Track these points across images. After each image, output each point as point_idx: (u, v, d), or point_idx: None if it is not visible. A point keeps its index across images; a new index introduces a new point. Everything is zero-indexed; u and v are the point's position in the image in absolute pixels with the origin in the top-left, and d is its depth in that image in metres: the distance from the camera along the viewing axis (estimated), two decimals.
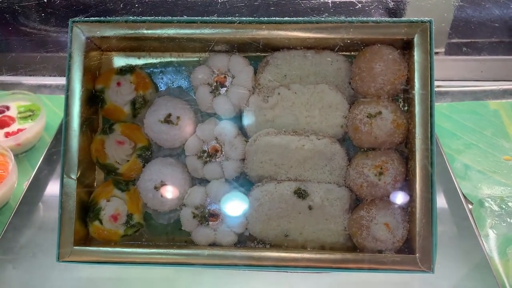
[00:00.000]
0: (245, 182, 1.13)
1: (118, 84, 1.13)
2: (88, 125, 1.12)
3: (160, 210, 1.12)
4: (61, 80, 1.68)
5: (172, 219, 1.13)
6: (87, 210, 1.10)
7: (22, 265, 1.20)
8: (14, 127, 1.44)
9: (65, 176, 1.06)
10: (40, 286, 1.16)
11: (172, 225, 1.13)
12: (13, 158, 1.31)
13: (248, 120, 1.11)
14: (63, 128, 1.07)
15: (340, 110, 1.09)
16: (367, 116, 1.04)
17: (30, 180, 1.35)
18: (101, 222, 1.09)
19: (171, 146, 1.13)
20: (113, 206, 1.09)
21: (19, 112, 1.49)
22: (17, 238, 1.24)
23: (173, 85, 1.18)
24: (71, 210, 1.05)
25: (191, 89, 1.16)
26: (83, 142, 1.08)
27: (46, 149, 1.43)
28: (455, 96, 1.57)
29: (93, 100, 1.13)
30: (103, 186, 1.13)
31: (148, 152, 1.13)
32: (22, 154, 1.44)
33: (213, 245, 1.09)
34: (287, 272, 1.09)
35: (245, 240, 1.11)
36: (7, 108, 1.50)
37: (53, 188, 1.36)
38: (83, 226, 1.09)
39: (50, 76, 1.70)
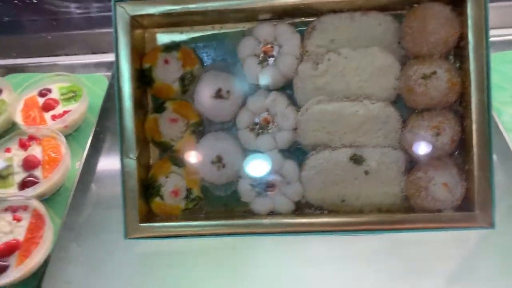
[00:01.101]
0: (298, 151, 1.14)
1: (166, 61, 1.13)
2: (140, 104, 1.13)
3: (217, 183, 1.14)
4: (95, 58, 1.70)
5: (229, 191, 1.16)
6: (147, 187, 1.13)
7: (86, 243, 1.24)
8: (59, 110, 1.46)
9: (124, 156, 1.08)
10: (106, 262, 1.20)
11: (230, 196, 1.15)
12: (64, 140, 1.34)
13: (298, 89, 1.10)
14: (117, 110, 1.08)
15: (392, 72, 1.07)
16: (422, 77, 1.02)
17: (83, 160, 1.38)
18: (162, 198, 1.12)
19: (223, 120, 1.14)
20: (172, 182, 1.12)
21: (62, 94, 1.50)
22: (77, 218, 1.29)
23: (218, 58, 1.17)
24: (133, 189, 1.08)
25: (237, 62, 1.15)
26: (137, 122, 1.09)
27: (93, 129, 1.45)
28: (501, 46, 1.53)
29: (141, 79, 1.14)
30: (160, 163, 1.15)
31: (200, 128, 1.15)
32: (69, 135, 1.46)
33: (271, 214, 1.11)
34: (346, 236, 1.12)
35: (302, 207, 1.13)
36: (49, 90, 1.51)
37: (104, 166, 1.39)
38: (145, 202, 1.12)
39: (84, 54, 1.71)
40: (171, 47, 1.14)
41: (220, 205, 1.16)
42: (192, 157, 1.13)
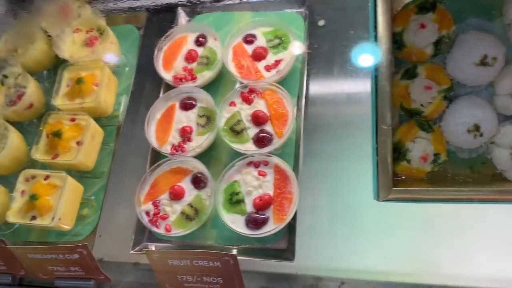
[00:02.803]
0: None
1: (421, 26, 1.07)
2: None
3: (466, 148, 1.15)
4: None
5: (474, 154, 1.16)
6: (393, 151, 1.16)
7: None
8: (270, 59, 1.45)
9: (379, 124, 1.10)
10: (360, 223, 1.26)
11: (475, 159, 1.16)
12: (287, 94, 1.36)
13: None
14: (372, 78, 1.08)
15: None
16: None
17: (302, 110, 1.41)
18: (408, 162, 1.16)
19: (479, 85, 1.10)
20: (420, 147, 1.14)
21: (268, 41, 1.49)
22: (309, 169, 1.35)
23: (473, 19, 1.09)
24: (386, 156, 1.12)
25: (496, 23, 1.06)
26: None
27: (304, 77, 1.45)
28: None
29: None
30: (406, 128, 1.16)
31: (451, 92, 1.12)
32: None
33: None
34: None
35: None
36: (254, 37, 1.50)
37: (320, 114, 1.41)
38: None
39: None
40: (425, 7, 1.07)
41: (466, 167, 1.18)
42: (444, 123, 1.13)
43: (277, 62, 1.45)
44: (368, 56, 1.38)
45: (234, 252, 1.28)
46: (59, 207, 1.32)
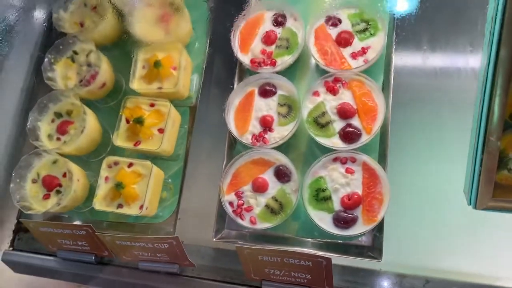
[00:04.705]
0: None
1: None
2: None
3: None
4: None
5: None
6: None
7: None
8: (356, 46, 1.37)
9: (488, 136, 1.06)
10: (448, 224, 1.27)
11: None
12: (378, 86, 1.31)
13: None
14: (483, 83, 1.02)
15: None
16: None
17: (390, 103, 1.36)
18: (509, 171, 1.13)
19: None
20: None
21: (354, 25, 1.40)
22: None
23: None
24: (493, 168, 1.09)
25: None
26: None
27: (391, 67, 1.38)
28: None
29: None
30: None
31: None
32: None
33: None
34: None
35: None
36: (339, 20, 1.42)
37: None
38: None
39: None
40: None
41: None
42: None
43: (364, 50, 1.38)
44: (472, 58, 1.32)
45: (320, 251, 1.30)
46: (146, 196, 1.34)
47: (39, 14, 1.75)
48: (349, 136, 1.30)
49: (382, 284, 1.27)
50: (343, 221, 1.24)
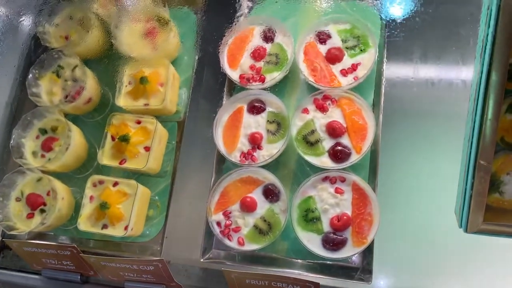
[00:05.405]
0: None
1: None
2: None
3: None
4: None
5: None
6: None
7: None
8: (346, 62, 1.35)
9: (479, 160, 1.04)
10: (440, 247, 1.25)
11: None
12: (366, 104, 1.28)
13: None
14: (474, 109, 1.00)
15: None
16: None
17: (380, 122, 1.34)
18: (501, 194, 1.11)
19: None
20: None
21: (344, 41, 1.38)
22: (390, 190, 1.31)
23: None
24: (483, 192, 1.07)
25: None
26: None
27: (382, 82, 1.36)
28: None
29: None
30: (504, 160, 1.10)
31: None
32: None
33: None
34: None
35: None
36: (328, 35, 1.39)
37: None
38: None
39: None
40: None
41: None
42: None
43: (354, 66, 1.36)
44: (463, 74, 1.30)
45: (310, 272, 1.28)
46: (132, 217, 1.31)
47: (25, 27, 1.71)
48: (338, 155, 1.28)
49: None
50: (332, 243, 1.22)
